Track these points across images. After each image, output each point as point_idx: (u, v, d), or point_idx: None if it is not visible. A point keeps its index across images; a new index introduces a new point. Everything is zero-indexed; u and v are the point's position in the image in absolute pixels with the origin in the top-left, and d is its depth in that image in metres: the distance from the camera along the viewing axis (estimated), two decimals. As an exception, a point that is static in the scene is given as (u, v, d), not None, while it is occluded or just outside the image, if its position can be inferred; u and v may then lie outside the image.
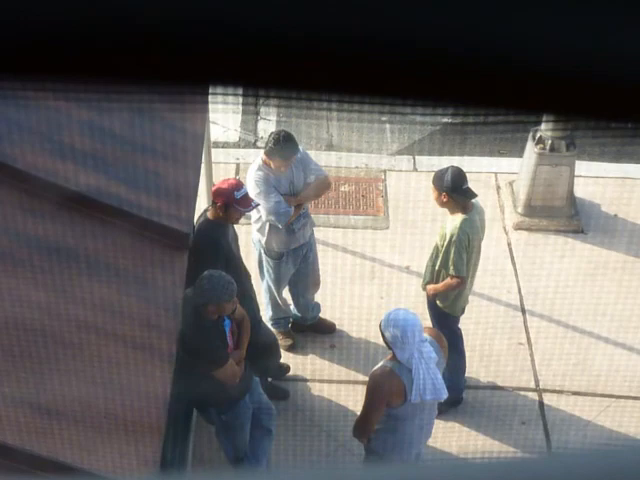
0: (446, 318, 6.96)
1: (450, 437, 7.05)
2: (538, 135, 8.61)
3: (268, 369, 7.14)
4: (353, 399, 7.11)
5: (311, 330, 7.78)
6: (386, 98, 0.67)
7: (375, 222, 8.89)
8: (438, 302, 6.93)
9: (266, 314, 7.53)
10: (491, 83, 0.64)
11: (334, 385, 7.42)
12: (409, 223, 8.75)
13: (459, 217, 6.62)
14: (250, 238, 7.40)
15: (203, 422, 6.62)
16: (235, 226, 6.81)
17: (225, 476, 1.19)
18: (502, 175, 9.35)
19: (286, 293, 7.67)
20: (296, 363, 7.53)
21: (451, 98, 0.66)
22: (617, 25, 0.62)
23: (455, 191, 6.55)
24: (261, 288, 7.48)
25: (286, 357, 7.49)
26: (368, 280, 8.25)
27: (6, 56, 0.65)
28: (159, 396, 4.62)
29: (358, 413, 6.01)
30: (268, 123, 9.98)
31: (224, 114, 9.67)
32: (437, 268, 6.78)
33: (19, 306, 4.65)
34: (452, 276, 6.69)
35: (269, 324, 7.50)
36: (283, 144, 6.81)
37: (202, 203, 6.98)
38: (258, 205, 6.79)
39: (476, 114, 0.68)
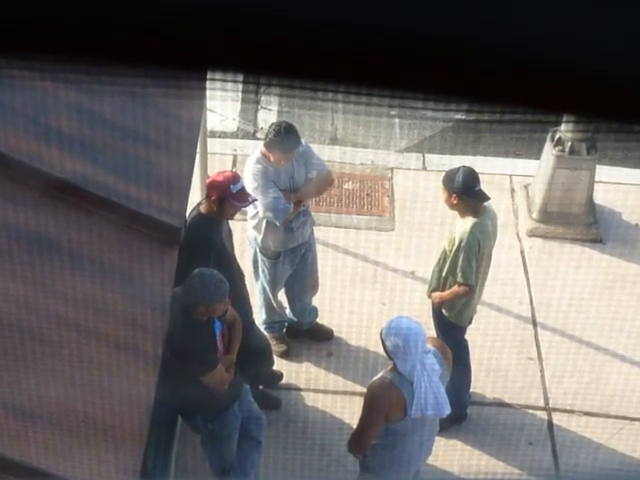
0: (452, 328, 6.96)
1: (452, 455, 7.05)
2: (557, 136, 8.60)
3: (260, 376, 7.14)
4: (349, 411, 7.11)
5: (307, 336, 7.78)
6: (396, 91, 0.67)
7: (380, 223, 8.89)
8: (444, 311, 6.93)
9: (259, 317, 7.53)
10: (508, 79, 0.64)
11: (330, 395, 7.42)
12: (416, 225, 8.75)
13: (470, 221, 6.62)
14: (245, 235, 7.40)
15: (188, 430, 6.62)
16: (230, 222, 6.81)
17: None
18: (517, 178, 9.34)
19: (282, 295, 7.67)
20: (290, 371, 7.53)
21: (466, 94, 0.66)
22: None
23: (466, 193, 6.55)
24: (255, 289, 7.48)
25: (279, 364, 7.49)
26: (370, 285, 8.25)
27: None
28: (142, 400, 4.62)
29: (354, 426, 6.01)
30: (269, 113, 9.98)
31: (222, 102, 9.66)
32: (444, 274, 6.78)
33: (-4, 299, 4.65)
34: (460, 284, 6.69)
35: (262, 328, 7.50)
36: (284, 136, 6.81)
37: (195, 196, 6.98)
38: (255, 200, 6.79)
39: (491, 111, 0.68)
